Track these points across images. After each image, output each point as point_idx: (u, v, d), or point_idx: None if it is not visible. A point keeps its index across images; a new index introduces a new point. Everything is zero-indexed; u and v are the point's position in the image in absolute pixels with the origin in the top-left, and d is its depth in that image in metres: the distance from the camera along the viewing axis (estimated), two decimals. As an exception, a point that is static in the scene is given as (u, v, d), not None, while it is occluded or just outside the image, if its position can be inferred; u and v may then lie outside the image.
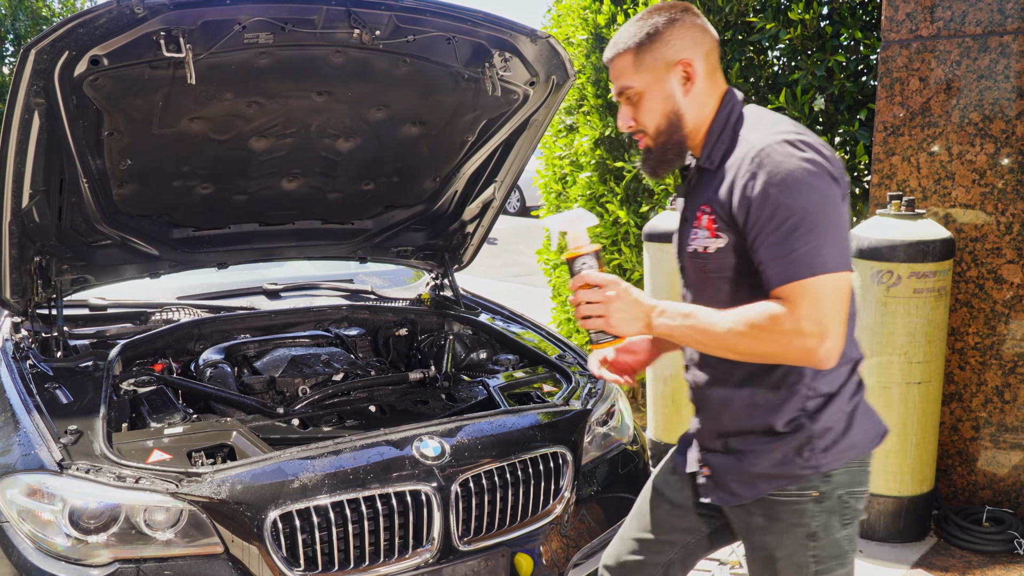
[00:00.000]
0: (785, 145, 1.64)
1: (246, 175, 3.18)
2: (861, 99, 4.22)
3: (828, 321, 1.57)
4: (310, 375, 2.98)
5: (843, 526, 1.80)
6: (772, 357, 1.66)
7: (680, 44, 1.77)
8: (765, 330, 1.61)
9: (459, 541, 2.38)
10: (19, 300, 2.94)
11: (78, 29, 2.26)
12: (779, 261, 1.60)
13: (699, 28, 1.80)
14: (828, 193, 1.62)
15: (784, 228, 1.59)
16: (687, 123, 1.81)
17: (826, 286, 1.57)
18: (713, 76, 1.82)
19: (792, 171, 1.60)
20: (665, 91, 1.80)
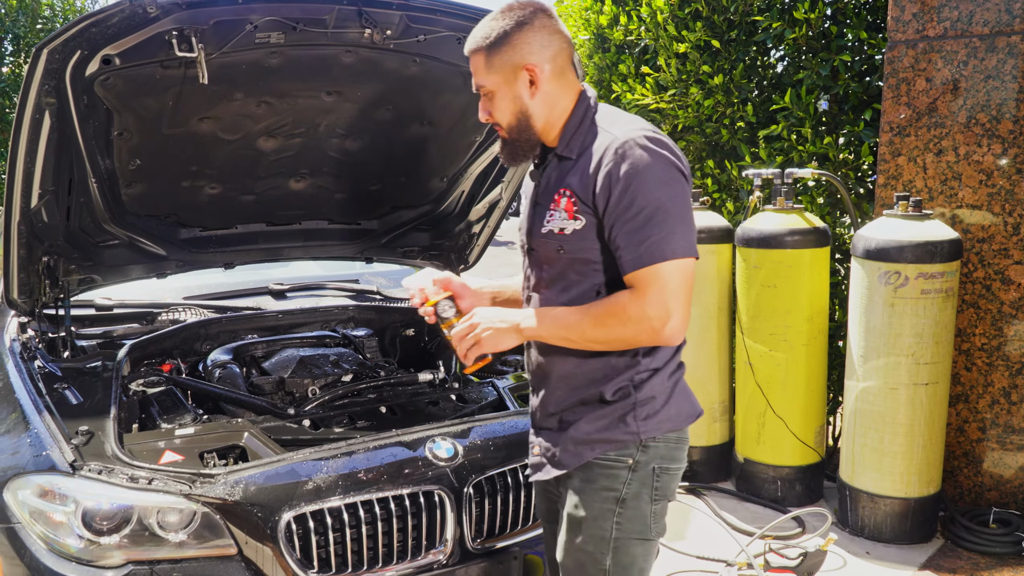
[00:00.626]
0: (645, 141, 1.78)
1: (254, 175, 3.17)
2: (866, 99, 4.23)
3: (672, 302, 1.75)
4: (319, 376, 2.97)
5: (652, 500, 1.92)
6: (628, 341, 1.82)
7: (527, 48, 1.85)
8: (617, 318, 1.78)
9: (472, 543, 2.38)
10: (27, 300, 2.92)
11: (90, 28, 2.25)
12: (633, 248, 1.76)
13: (548, 30, 1.87)
14: (680, 188, 1.79)
15: (640, 217, 1.75)
16: (536, 122, 1.91)
17: (672, 271, 1.75)
18: (563, 76, 1.90)
19: (651, 166, 1.76)
20: (513, 92, 1.89)
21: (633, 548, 1.91)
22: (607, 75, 5.38)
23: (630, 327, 1.77)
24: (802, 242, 3.84)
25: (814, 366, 4.00)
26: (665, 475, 1.93)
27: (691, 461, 4.40)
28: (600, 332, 1.81)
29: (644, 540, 1.92)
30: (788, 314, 3.90)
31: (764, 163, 4.47)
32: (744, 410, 4.16)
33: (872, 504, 3.67)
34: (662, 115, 4.97)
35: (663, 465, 1.92)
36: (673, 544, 3.69)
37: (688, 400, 1.99)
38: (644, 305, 1.75)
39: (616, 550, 1.90)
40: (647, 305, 1.74)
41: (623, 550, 1.90)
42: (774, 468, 4.08)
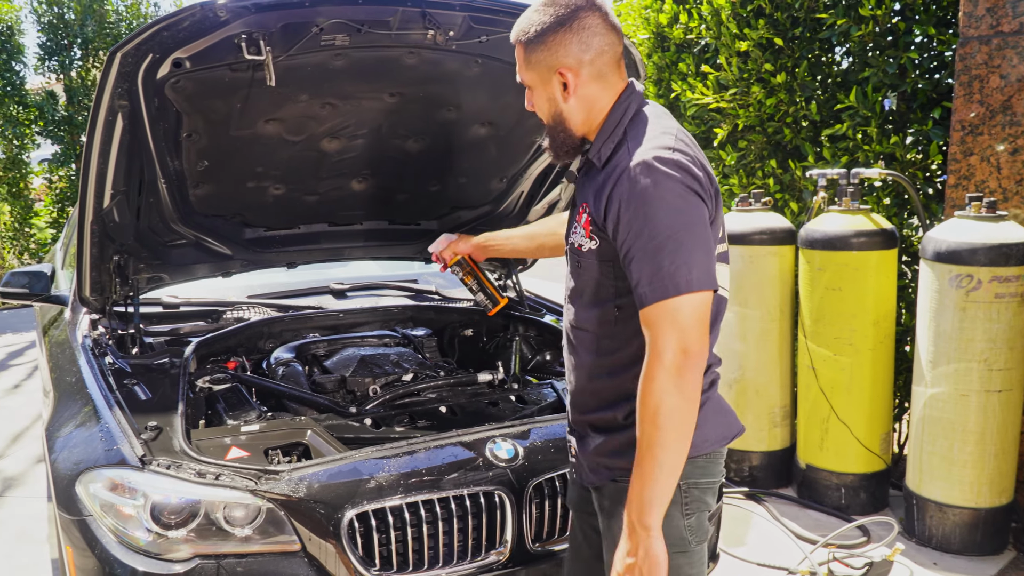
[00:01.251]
0: (656, 163, 1.65)
1: (317, 176, 3.21)
2: (935, 97, 4.11)
3: (688, 339, 1.61)
4: (380, 375, 2.99)
5: (684, 515, 1.82)
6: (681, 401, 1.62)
7: (563, 51, 1.75)
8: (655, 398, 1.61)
9: (531, 544, 2.37)
10: (98, 298, 3.00)
11: (162, 32, 2.30)
12: (646, 281, 1.64)
13: (589, 31, 1.75)
14: (694, 213, 1.66)
15: (651, 247, 1.63)
16: (572, 124, 1.83)
17: (687, 305, 1.62)
18: (603, 79, 1.79)
19: (661, 191, 1.64)
20: (548, 93, 1.81)
21: (677, 563, 1.80)
22: (667, 74, 5.33)
23: (671, 391, 1.60)
24: (868, 244, 3.76)
25: (880, 371, 3.91)
26: (695, 489, 1.83)
27: (751, 466, 4.33)
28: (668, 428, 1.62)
29: (684, 552, 1.83)
30: (853, 318, 3.81)
31: (828, 163, 4.38)
32: (806, 415, 4.08)
33: (940, 514, 3.57)
34: (722, 114, 4.90)
35: (691, 481, 1.81)
36: (733, 550, 3.63)
37: (720, 421, 1.86)
38: (660, 355, 1.61)
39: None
40: (662, 353, 1.61)
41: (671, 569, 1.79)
42: (838, 475, 4.00)
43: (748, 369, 4.23)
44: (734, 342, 4.25)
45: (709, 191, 1.71)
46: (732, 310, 4.22)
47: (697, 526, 1.85)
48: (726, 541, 3.68)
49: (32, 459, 4.93)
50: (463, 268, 2.69)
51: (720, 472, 1.90)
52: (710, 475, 1.85)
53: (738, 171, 4.84)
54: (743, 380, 4.25)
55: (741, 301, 4.19)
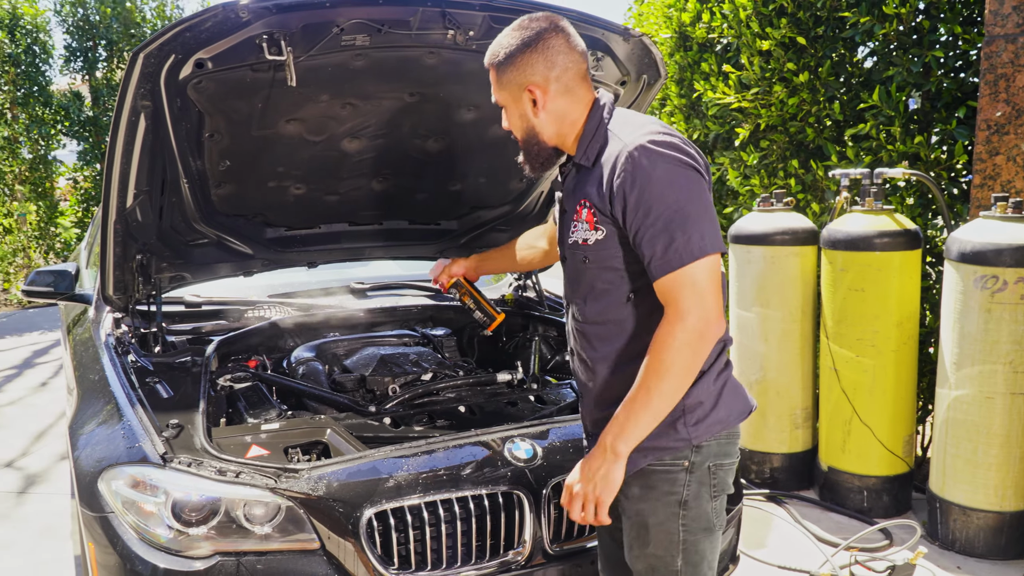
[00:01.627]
0: (652, 145, 1.77)
1: (338, 176, 3.22)
2: (960, 96, 4.07)
3: (708, 300, 1.75)
4: (400, 374, 3.00)
5: (712, 497, 1.94)
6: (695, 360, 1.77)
7: (530, 70, 1.88)
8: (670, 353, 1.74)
9: (550, 545, 2.37)
10: (121, 297, 3.02)
11: (184, 33, 2.32)
12: (659, 255, 1.75)
13: (554, 50, 1.87)
14: (694, 186, 1.78)
15: (660, 223, 1.74)
16: (544, 136, 1.95)
17: (701, 270, 1.74)
18: (571, 93, 1.91)
19: (661, 170, 1.75)
20: (520, 110, 1.94)
21: (701, 545, 1.94)
22: (688, 73, 5.31)
23: (685, 349, 1.74)
24: (892, 244, 3.72)
25: (903, 373, 3.87)
26: (720, 471, 1.95)
27: (772, 468, 4.31)
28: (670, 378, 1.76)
29: (709, 532, 1.95)
30: (876, 319, 3.78)
31: (851, 163, 4.35)
32: (828, 417, 4.05)
33: (964, 517, 3.54)
34: (744, 114, 4.88)
35: (717, 462, 1.94)
36: (753, 552, 3.61)
37: (738, 398, 1.98)
38: (683, 317, 1.73)
39: (685, 551, 1.92)
40: (686, 315, 1.73)
41: (692, 549, 1.93)
42: (860, 477, 3.97)
43: (770, 370, 4.20)
44: (756, 343, 4.22)
45: (703, 165, 1.84)
46: (754, 311, 4.20)
47: (720, 509, 1.97)
48: (746, 543, 3.66)
49: (57, 456, 4.99)
50: (459, 289, 2.87)
51: (737, 453, 2.01)
52: (731, 455, 1.97)
53: (760, 171, 4.81)
54: (764, 381, 4.22)
55: (763, 302, 4.16)
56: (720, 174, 5.15)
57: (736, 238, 4.24)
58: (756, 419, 4.29)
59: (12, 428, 5.57)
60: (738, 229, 4.24)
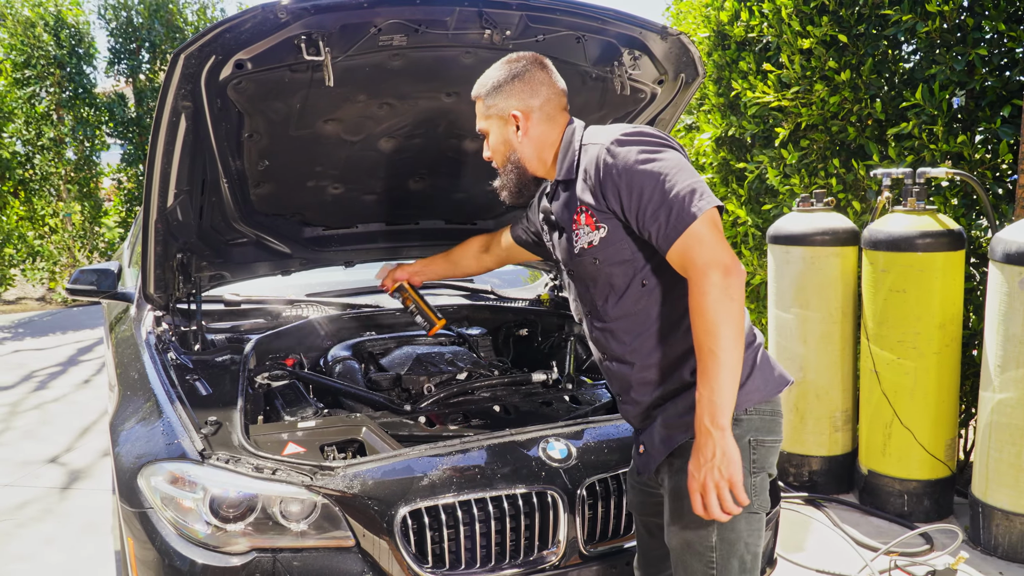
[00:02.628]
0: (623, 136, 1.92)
1: (375, 175, 3.24)
2: (1005, 95, 3.99)
3: (719, 250, 1.79)
4: (435, 373, 3.01)
5: (751, 473, 1.94)
6: (736, 305, 1.79)
7: (516, 99, 2.09)
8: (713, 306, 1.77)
9: (584, 545, 2.36)
10: (162, 295, 3.06)
11: (224, 34, 2.34)
12: (662, 227, 1.84)
13: (537, 82, 2.09)
14: (670, 154, 1.89)
15: (655, 199, 1.84)
16: (526, 161, 2.13)
17: (703, 225, 1.80)
18: (551, 120, 2.11)
19: (638, 153, 1.88)
20: (504, 136, 2.13)
21: (738, 523, 1.92)
22: (727, 73, 5.26)
23: (722, 298, 1.77)
24: (934, 245, 3.66)
25: (945, 375, 3.80)
26: (761, 447, 1.96)
27: (811, 471, 4.25)
28: (724, 331, 1.77)
29: (748, 513, 1.93)
30: (918, 320, 3.72)
31: (893, 162, 4.28)
32: (869, 420, 3.99)
33: (1007, 522, 3.46)
34: (784, 113, 4.82)
35: (758, 437, 1.96)
36: (791, 556, 3.57)
37: (773, 370, 2.02)
38: (706, 273, 1.78)
39: (721, 527, 1.91)
40: (707, 270, 1.78)
41: (728, 526, 1.91)
42: (900, 481, 3.90)
43: (809, 372, 4.15)
44: (795, 344, 4.17)
45: (675, 143, 1.95)
46: (792, 311, 4.15)
47: (760, 488, 1.96)
48: (784, 546, 3.62)
49: (99, 452, 5.08)
50: (403, 293, 2.98)
51: (781, 434, 2.02)
52: (774, 433, 1.99)
53: (800, 171, 4.75)
54: (804, 383, 4.17)
55: (802, 303, 4.11)
56: (759, 172, 5.10)
57: (775, 238, 4.20)
58: (795, 421, 4.24)
59: (56, 424, 5.68)
60: (777, 229, 4.19)
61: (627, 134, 1.93)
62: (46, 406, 6.15)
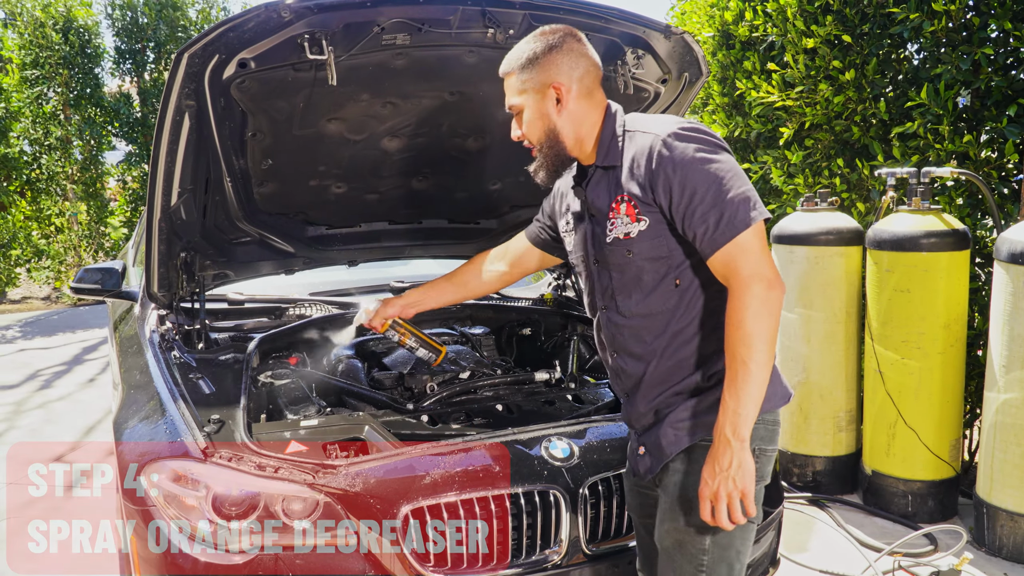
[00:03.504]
0: (682, 131, 1.88)
1: (378, 174, 3.24)
2: (1011, 94, 3.97)
3: (765, 264, 1.81)
4: (438, 372, 3.00)
5: None
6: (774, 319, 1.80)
7: (555, 70, 1.99)
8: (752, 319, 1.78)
9: (586, 544, 2.36)
10: (165, 294, 3.07)
11: (228, 33, 2.34)
12: (710, 232, 1.82)
13: (576, 53, 2.00)
14: (728, 160, 1.86)
15: (706, 202, 1.82)
16: (564, 138, 2.03)
17: (751, 237, 1.81)
18: (590, 97, 2.02)
19: (697, 151, 1.85)
20: (542, 110, 2.01)
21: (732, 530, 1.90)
22: (731, 72, 5.25)
23: (763, 312, 1.78)
24: (939, 245, 3.65)
25: (950, 376, 3.79)
26: (763, 456, 1.97)
27: (814, 471, 4.24)
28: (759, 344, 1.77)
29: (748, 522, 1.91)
30: (923, 320, 3.71)
31: (898, 162, 4.27)
32: (873, 420, 3.98)
33: (1012, 523, 3.45)
34: (788, 113, 4.81)
35: (761, 446, 1.96)
36: (795, 556, 3.56)
37: (780, 383, 2.02)
38: (749, 284, 1.78)
39: (716, 531, 1.91)
40: (751, 282, 1.78)
41: (723, 531, 1.91)
42: (904, 482, 3.89)
43: (812, 372, 4.14)
44: (798, 344, 4.16)
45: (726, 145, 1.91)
46: (796, 311, 4.14)
47: (758, 496, 1.95)
48: (787, 547, 3.61)
49: (103, 451, 5.09)
50: (397, 330, 2.79)
51: (777, 443, 2.03)
52: (773, 443, 2.00)
53: (804, 170, 4.75)
54: (807, 383, 4.16)
55: (806, 303, 4.10)
56: (763, 172, 5.09)
57: (779, 238, 4.19)
58: (798, 421, 4.24)
59: (62, 423, 5.70)
60: (781, 229, 4.18)
61: (685, 129, 1.88)
62: (50, 405, 6.16)
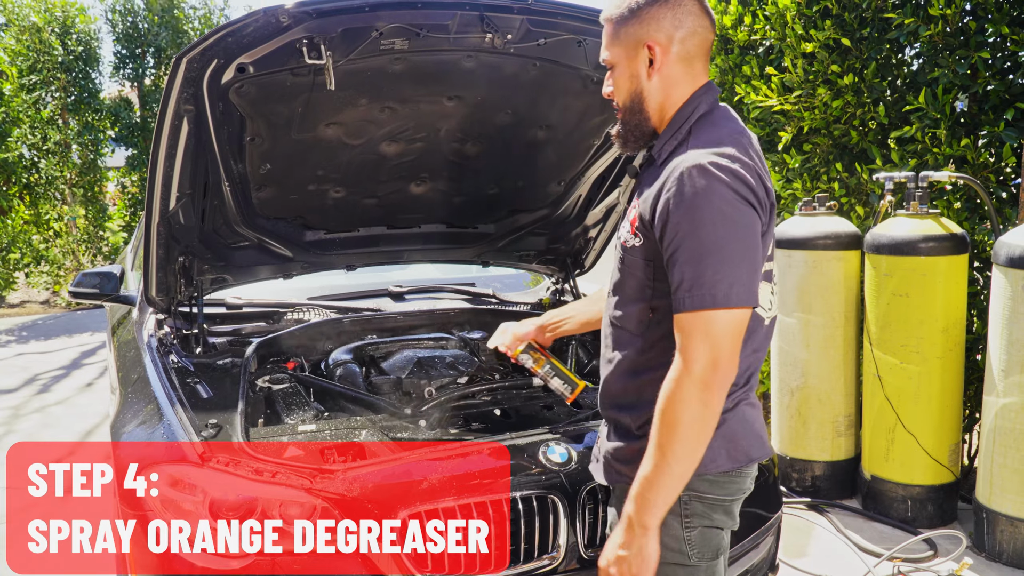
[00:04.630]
0: (711, 167, 1.61)
1: (376, 179, 3.24)
2: (1008, 98, 3.98)
3: (720, 353, 1.58)
4: (436, 377, 3.00)
5: (684, 527, 1.77)
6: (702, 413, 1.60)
7: (655, 25, 1.72)
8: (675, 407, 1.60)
9: (585, 550, 2.35)
10: (164, 298, 3.07)
11: (226, 38, 2.35)
12: (687, 285, 1.60)
13: (685, 11, 1.72)
14: (744, 223, 1.61)
15: (696, 253, 1.59)
16: (649, 105, 1.79)
17: (722, 321, 1.58)
18: (688, 62, 1.76)
19: (713, 197, 1.59)
20: (632, 69, 1.78)
21: (672, 572, 1.77)
22: (730, 77, 5.25)
23: (692, 400, 1.58)
24: (937, 249, 3.65)
25: (949, 380, 3.79)
26: (697, 503, 1.76)
27: (813, 476, 4.24)
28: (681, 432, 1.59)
29: (682, 565, 1.78)
30: (921, 325, 3.71)
31: (896, 166, 4.27)
32: (872, 425, 3.98)
33: (1012, 528, 3.45)
34: (787, 117, 4.82)
35: (694, 494, 1.74)
36: (793, 561, 3.56)
37: (735, 444, 1.77)
38: (689, 365, 1.58)
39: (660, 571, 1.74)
40: (692, 364, 1.58)
41: (660, 571, 1.72)
42: (904, 487, 3.89)
43: (811, 376, 4.14)
44: (797, 349, 4.16)
45: (765, 204, 1.67)
46: (795, 316, 4.14)
47: (700, 541, 1.78)
48: (787, 552, 3.61)
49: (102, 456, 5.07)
50: (532, 355, 2.44)
51: (739, 491, 1.82)
52: (722, 491, 1.78)
53: (802, 175, 4.75)
54: (806, 388, 4.16)
55: (805, 307, 4.10)
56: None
57: (777, 242, 4.19)
58: (797, 427, 4.23)
59: (59, 427, 5.69)
60: (780, 233, 4.19)
61: (719, 165, 1.61)
62: (48, 409, 6.15)
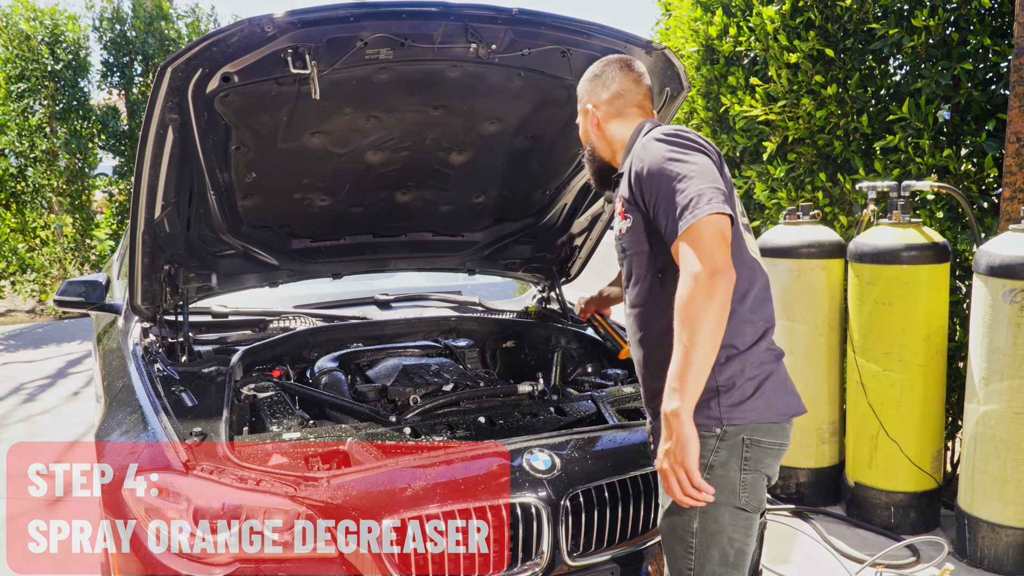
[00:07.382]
0: (660, 134, 2.02)
1: (362, 188, 3.25)
2: (990, 109, 4.03)
3: (710, 255, 1.83)
4: (421, 385, 3.01)
5: (741, 469, 1.99)
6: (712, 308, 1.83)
7: (594, 92, 2.29)
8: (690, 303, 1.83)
9: (568, 556, 2.37)
10: (149, 307, 3.07)
11: (211, 48, 2.36)
12: (672, 222, 1.91)
13: (616, 79, 2.26)
14: (697, 157, 1.95)
15: (667, 193, 1.92)
16: (600, 154, 2.31)
17: (707, 228, 1.85)
18: (622, 116, 2.26)
19: (667, 150, 1.97)
20: (584, 126, 2.34)
21: (721, 515, 1.97)
22: (715, 87, 5.30)
23: (700, 296, 1.82)
24: (919, 258, 3.68)
25: (931, 387, 3.82)
26: (756, 447, 2.00)
27: (798, 483, 4.26)
28: (697, 326, 1.82)
29: (733, 508, 1.99)
30: (904, 333, 3.74)
31: (879, 175, 4.31)
32: (855, 432, 4.00)
33: (993, 535, 3.48)
34: (771, 127, 4.86)
35: (754, 437, 1.99)
36: (777, 568, 3.57)
37: (783, 396, 2.05)
38: (691, 271, 1.84)
39: (703, 514, 1.97)
40: (692, 269, 1.84)
41: (711, 515, 1.97)
42: (887, 493, 3.92)
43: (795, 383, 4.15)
44: (781, 357, 4.18)
45: (710, 149, 2.01)
46: (779, 323, 4.17)
47: (753, 484, 2.00)
48: (770, 559, 3.63)
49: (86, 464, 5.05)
50: (593, 323, 3.30)
51: (786, 438, 2.06)
52: (774, 436, 2.03)
53: (787, 184, 4.79)
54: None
55: (789, 315, 4.13)
56: (747, 187, 5.13)
57: (762, 251, 4.22)
58: (782, 433, 4.25)
59: (46, 436, 5.66)
60: (764, 242, 4.22)
61: (666, 133, 2.02)
62: (34, 418, 6.12)
